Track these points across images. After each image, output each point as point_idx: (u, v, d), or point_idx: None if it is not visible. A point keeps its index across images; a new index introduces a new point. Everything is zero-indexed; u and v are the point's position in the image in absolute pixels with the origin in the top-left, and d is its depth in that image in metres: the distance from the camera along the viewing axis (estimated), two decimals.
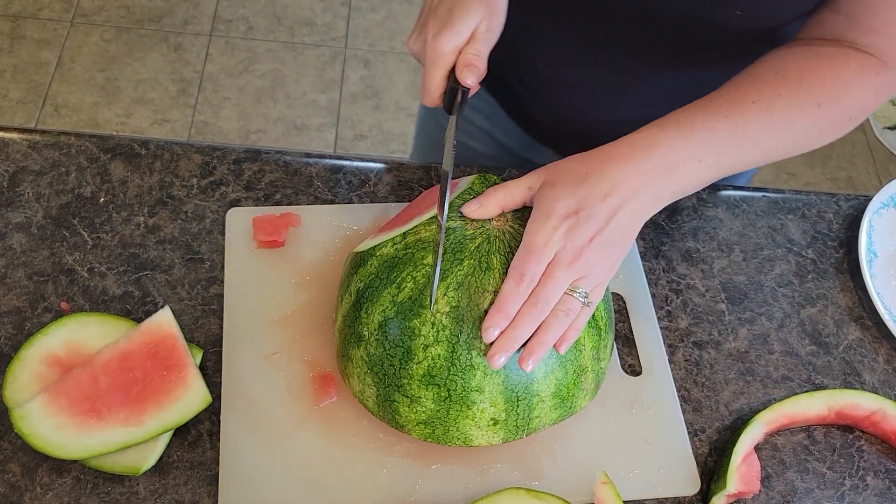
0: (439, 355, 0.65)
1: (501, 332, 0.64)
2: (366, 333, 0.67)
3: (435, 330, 0.65)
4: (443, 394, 0.66)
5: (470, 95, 0.72)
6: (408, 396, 0.66)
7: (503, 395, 0.66)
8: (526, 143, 1.03)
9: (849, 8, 0.73)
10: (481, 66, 0.70)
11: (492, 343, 0.64)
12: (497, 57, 0.94)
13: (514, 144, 1.05)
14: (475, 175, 0.73)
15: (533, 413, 0.68)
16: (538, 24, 0.86)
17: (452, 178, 0.71)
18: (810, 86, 0.73)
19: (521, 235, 0.68)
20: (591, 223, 0.66)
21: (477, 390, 0.65)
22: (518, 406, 0.67)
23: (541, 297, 0.64)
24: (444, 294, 0.65)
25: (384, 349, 0.66)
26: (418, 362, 0.65)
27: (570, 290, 0.66)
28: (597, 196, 0.66)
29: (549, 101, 0.94)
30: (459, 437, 0.69)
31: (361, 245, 0.73)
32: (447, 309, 0.65)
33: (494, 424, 0.67)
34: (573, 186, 0.67)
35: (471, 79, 0.69)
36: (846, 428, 0.81)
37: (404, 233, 0.69)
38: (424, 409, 0.67)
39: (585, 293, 0.66)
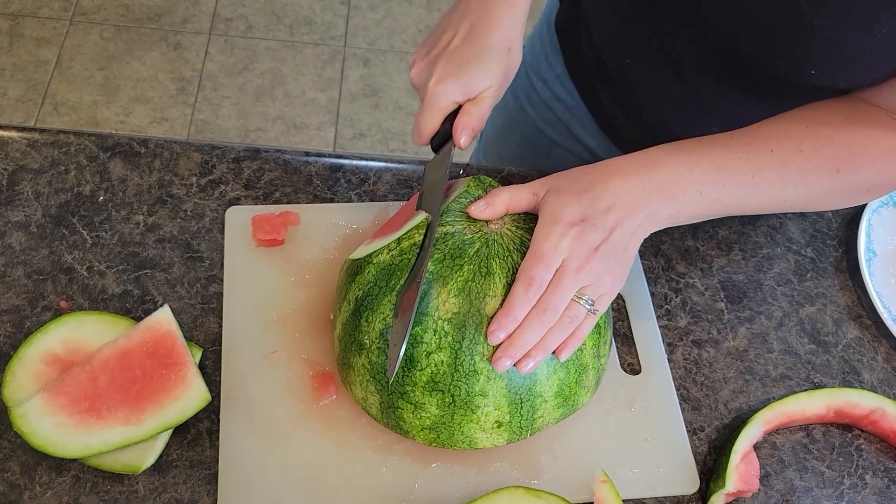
0: (442, 362, 0.65)
1: (508, 337, 0.64)
2: (367, 342, 0.67)
3: (437, 337, 0.65)
4: (447, 399, 0.66)
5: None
6: (412, 403, 0.66)
7: (507, 398, 0.66)
8: (600, 141, 1.03)
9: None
10: (479, 127, 0.72)
11: (497, 346, 0.64)
12: (584, 60, 0.95)
13: (589, 140, 1.04)
14: (469, 178, 0.73)
15: (536, 414, 0.68)
16: (627, 39, 0.87)
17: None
18: (835, 150, 0.72)
19: (519, 239, 0.68)
20: (597, 232, 0.66)
21: (481, 394, 0.65)
22: (522, 408, 0.67)
23: (550, 303, 0.65)
24: (446, 300, 0.65)
25: (387, 357, 0.66)
26: (421, 369, 0.65)
27: (577, 297, 0.66)
28: (601, 207, 0.67)
29: (630, 106, 0.93)
30: (464, 441, 0.69)
31: (357, 252, 0.73)
32: (449, 315, 0.65)
33: (499, 427, 0.67)
34: (578, 195, 0.68)
35: (466, 142, 0.72)
36: (845, 427, 0.81)
37: (399, 238, 0.69)
38: (429, 414, 0.67)
39: (592, 300, 0.66)
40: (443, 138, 0.73)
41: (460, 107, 0.73)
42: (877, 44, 0.68)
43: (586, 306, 0.66)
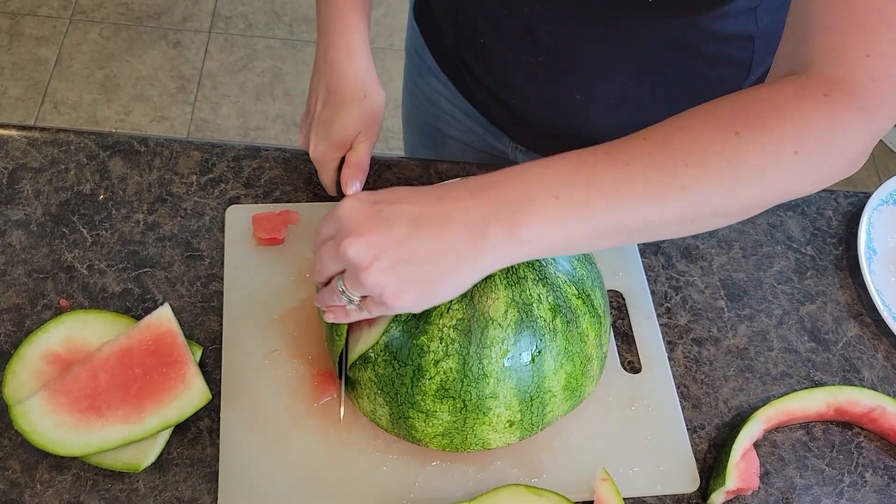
0: (451, 369, 0.65)
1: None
2: (371, 355, 0.67)
3: (444, 345, 0.65)
4: (458, 405, 0.66)
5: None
6: (423, 412, 0.66)
7: (517, 397, 0.66)
8: (486, 127, 1.04)
9: (792, 29, 0.61)
10: (362, 176, 0.79)
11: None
12: (445, 45, 0.96)
13: (476, 128, 1.05)
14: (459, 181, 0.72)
15: (546, 409, 0.68)
16: (473, 9, 0.87)
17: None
18: (724, 112, 0.57)
19: None
20: (393, 231, 0.57)
21: (492, 397, 0.65)
22: (532, 405, 0.67)
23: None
24: (449, 307, 0.65)
25: (393, 369, 0.66)
26: (430, 378, 0.65)
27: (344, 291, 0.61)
28: (406, 216, 0.57)
29: (491, 86, 0.94)
30: (478, 443, 0.69)
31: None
32: (453, 322, 0.65)
33: (511, 426, 0.68)
34: (393, 195, 0.60)
35: (353, 190, 0.79)
36: (845, 424, 0.81)
37: None
38: (441, 421, 0.67)
39: (354, 299, 0.61)
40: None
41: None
42: None
43: (346, 300, 0.61)
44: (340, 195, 0.80)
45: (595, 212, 0.55)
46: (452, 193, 0.57)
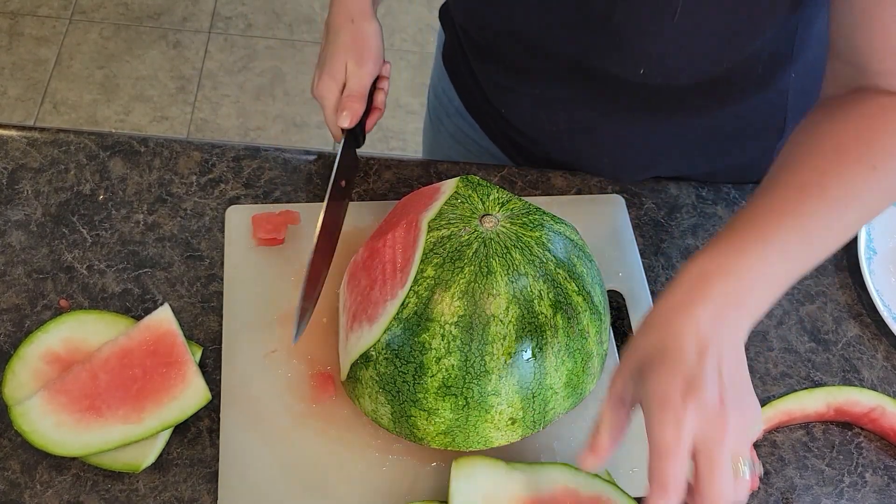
0: (453, 366, 0.65)
1: None
2: (373, 353, 0.67)
3: (446, 342, 0.64)
4: (460, 402, 0.66)
5: (368, 129, 0.83)
6: (425, 410, 0.66)
7: (519, 395, 0.66)
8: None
9: (852, 56, 0.69)
10: (355, 106, 0.79)
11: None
12: (471, 89, 0.97)
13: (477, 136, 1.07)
14: (457, 178, 0.73)
15: (548, 406, 0.68)
16: (502, 79, 0.90)
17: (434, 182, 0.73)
18: (854, 151, 0.66)
19: (515, 235, 0.68)
20: (711, 386, 0.55)
21: (494, 394, 0.65)
22: (534, 402, 0.67)
23: (712, 492, 0.54)
24: (450, 304, 0.65)
25: (395, 367, 0.66)
26: (432, 375, 0.65)
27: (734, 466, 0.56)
28: (692, 360, 0.56)
29: (513, 133, 0.97)
30: (480, 442, 0.69)
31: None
32: (455, 319, 0.65)
33: (513, 423, 0.68)
34: (662, 365, 0.57)
35: (345, 122, 0.79)
36: (845, 425, 0.81)
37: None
38: (443, 419, 0.66)
39: (749, 462, 0.56)
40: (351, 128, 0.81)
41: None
42: (677, 27, 0.68)
43: (747, 470, 0.56)
44: (345, 135, 0.81)
45: (796, 272, 0.64)
46: (685, 317, 0.59)
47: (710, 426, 0.54)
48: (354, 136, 0.82)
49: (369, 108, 0.84)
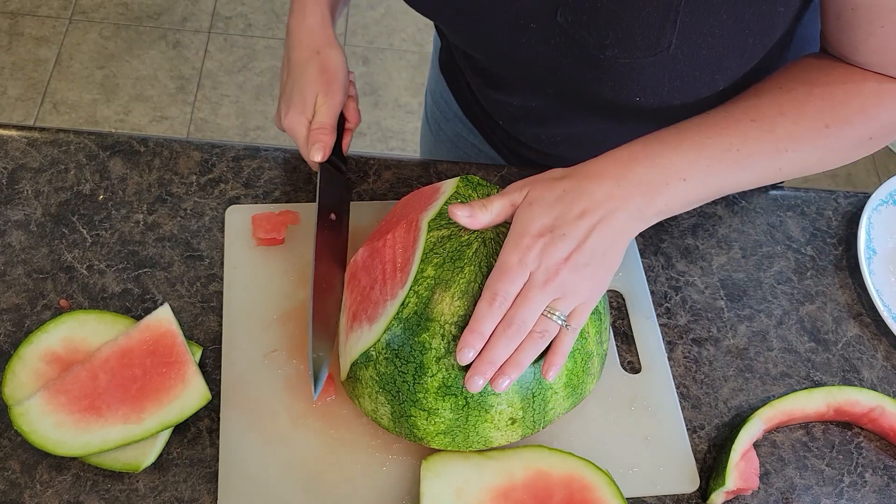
0: (453, 366, 0.65)
1: (478, 355, 0.63)
2: (373, 353, 0.67)
3: (446, 341, 0.65)
4: (460, 402, 0.66)
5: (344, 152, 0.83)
6: (425, 410, 0.66)
7: (519, 395, 0.66)
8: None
9: (840, 46, 0.71)
10: (325, 138, 0.78)
11: (468, 365, 0.64)
12: (467, 96, 0.97)
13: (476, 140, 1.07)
14: (457, 178, 0.73)
15: (548, 406, 0.68)
16: (494, 93, 0.90)
17: (433, 182, 0.73)
18: (817, 106, 0.69)
19: None
20: (567, 242, 0.64)
21: (493, 394, 0.65)
22: (534, 402, 0.67)
23: (515, 317, 0.63)
24: (451, 304, 0.65)
25: (395, 366, 0.66)
26: (432, 375, 0.65)
27: (549, 312, 0.64)
28: (572, 215, 0.65)
29: (512, 138, 0.98)
30: (480, 441, 0.69)
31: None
32: (455, 318, 0.65)
33: (513, 423, 0.68)
34: (549, 205, 0.65)
35: (317, 156, 0.78)
36: (845, 425, 0.81)
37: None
38: (443, 419, 0.67)
39: (564, 316, 0.64)
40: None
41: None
42: (671, 57, 0.68)
43: (558, 322, 0.64)
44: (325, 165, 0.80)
45: (712, 186, 0.69)
46: (597, 175, 0.67)
47: (543, 270, 0.63)
48: (333, 164, 0.82)
49: (342, 130, 0.83)
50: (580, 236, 0.64)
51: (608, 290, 0.85)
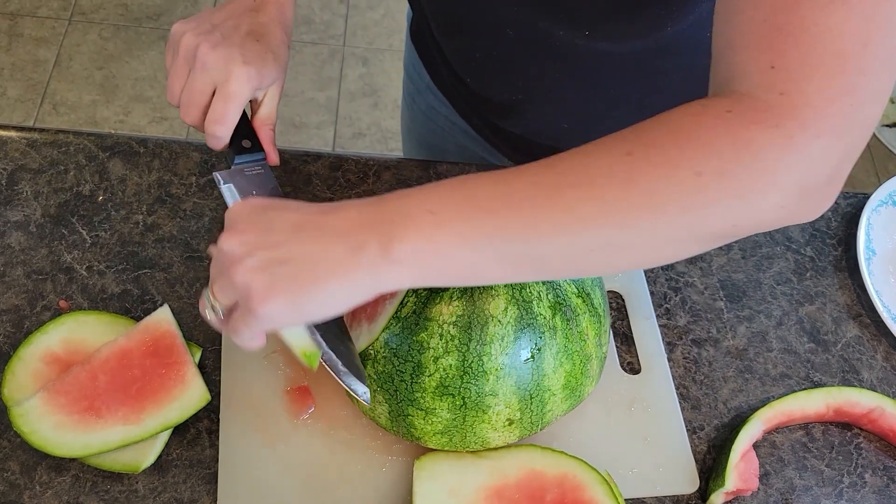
0: (451, 365, 0.65)
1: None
2: (372, 352, 0.67)
3: (444, 341, 0.65)
4: (458, 402, 0.66)
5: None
6: (422, 409, 0.66)
7: (517, 395, 0.66)
8: (481, 146, 1.05)
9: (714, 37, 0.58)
10: (220, 133, 0.70)
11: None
12: (438, 66, 0.97)
13: (477, 148, 1.06)
14: None
15: (546, 408, 0.68)
16: (459, 43, 0.89)
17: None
18: (621, 136, 0.53)
19: None
20: (275, 234, 0.55)
21: (491, 394, 0.65)
22: (532, 403, 0.67)
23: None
24: (449, 304, 0.65)
25: (393, 365, 0.66)
26: (430, 375, 0.65)
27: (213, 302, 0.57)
28: (288, 225, 0.55)
29: (485, 107, 0.96)
30: (477, 442, 0.69)
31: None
32: (453, 318, 0.65)
33: (510, 424, 0.68)
34: (262, 224, 0.56)
35: (217, 144, 0.71)
36: (844, 425, 0.81)
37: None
38: (440, 419, 0.67)
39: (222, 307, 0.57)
40: (236, 135, 0.76)
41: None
42: None
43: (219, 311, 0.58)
44: (232, 146, 0.75)
45: (470, 231, 0.51)
46: (340, 207, 0.55)
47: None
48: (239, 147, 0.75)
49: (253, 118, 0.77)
50: (289, 230, 0.54)
51: (608, 291, 0.85)
